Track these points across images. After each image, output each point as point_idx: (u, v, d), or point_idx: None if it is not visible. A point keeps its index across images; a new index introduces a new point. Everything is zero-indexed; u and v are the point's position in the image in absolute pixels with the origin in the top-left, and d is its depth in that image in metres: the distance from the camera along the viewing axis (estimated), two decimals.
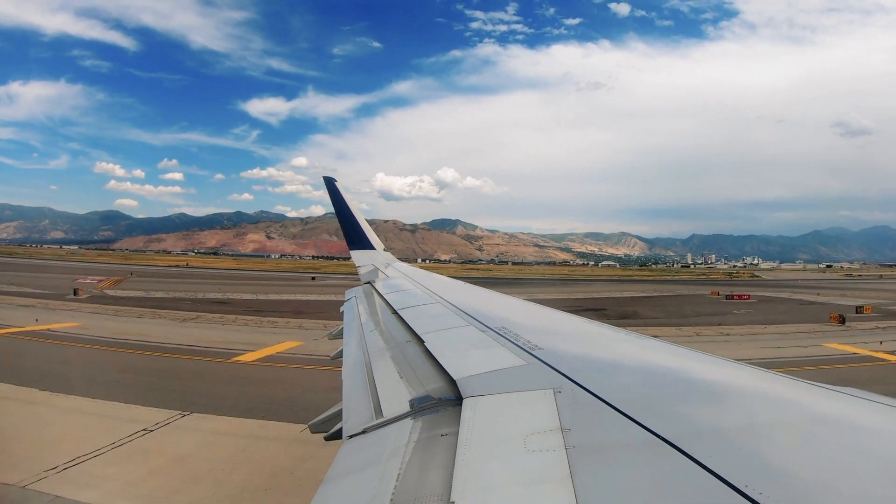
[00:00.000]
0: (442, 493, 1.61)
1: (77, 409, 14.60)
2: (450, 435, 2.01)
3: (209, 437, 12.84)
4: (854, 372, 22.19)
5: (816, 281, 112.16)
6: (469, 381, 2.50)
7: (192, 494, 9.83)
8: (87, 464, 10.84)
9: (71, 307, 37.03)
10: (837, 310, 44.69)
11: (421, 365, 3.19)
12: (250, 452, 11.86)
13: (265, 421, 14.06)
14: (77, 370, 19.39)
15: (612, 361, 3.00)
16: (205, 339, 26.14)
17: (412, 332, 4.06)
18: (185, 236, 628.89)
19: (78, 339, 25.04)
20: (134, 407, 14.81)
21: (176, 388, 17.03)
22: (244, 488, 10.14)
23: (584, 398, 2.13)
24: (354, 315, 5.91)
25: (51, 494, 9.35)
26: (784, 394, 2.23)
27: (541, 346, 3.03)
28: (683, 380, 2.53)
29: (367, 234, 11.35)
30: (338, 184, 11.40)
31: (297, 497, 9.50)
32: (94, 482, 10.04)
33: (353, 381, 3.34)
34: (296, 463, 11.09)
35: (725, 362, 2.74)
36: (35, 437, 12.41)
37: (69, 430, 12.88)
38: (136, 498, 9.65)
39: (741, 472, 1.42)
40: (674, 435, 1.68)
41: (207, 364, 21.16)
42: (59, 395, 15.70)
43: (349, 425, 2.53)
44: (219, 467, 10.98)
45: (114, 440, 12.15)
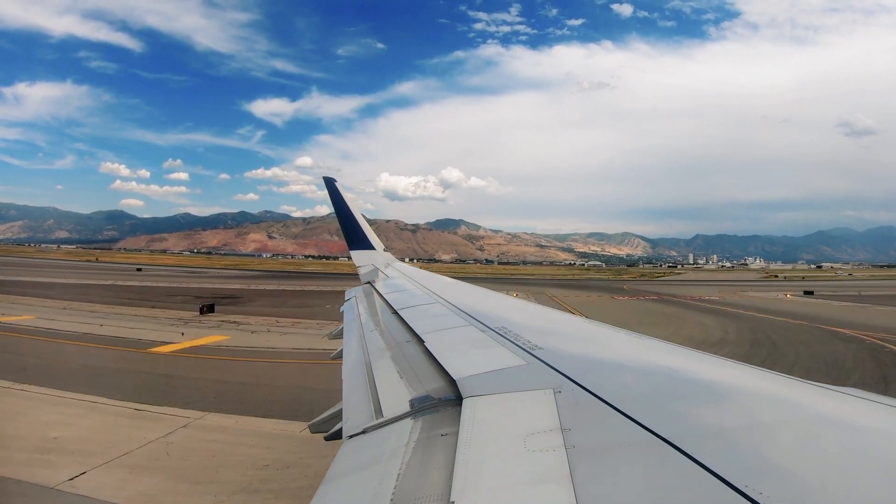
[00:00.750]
0: (442, 493, 1.61)
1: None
2: (450, 435, 2.01)
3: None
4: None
5: (717, 283, 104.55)
6: (469, 381, 2.50)
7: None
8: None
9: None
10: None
11: (421, 365, 3.19)
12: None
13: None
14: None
15: (612, 361, 3.00)
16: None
17: (412, 331, 4.06)
18: (186, 236, 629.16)
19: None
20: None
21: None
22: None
23: (584, 398, 2.13)
24: (354, 315, 5.92)
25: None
26: (784, 394, 2.23)
27: (541, 346, 3.03)
28: (683, 380, 2.53)
29: (367, 233, 11.36)
30: (338, 184, 11.41)
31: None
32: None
33: (353, 380, 3.34)
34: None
35: (726, 362, 2.74)
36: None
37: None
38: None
39: (741, 472, 1.42)
40: (674, 435, 1.68)
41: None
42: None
43: (349, 425, 2.53)
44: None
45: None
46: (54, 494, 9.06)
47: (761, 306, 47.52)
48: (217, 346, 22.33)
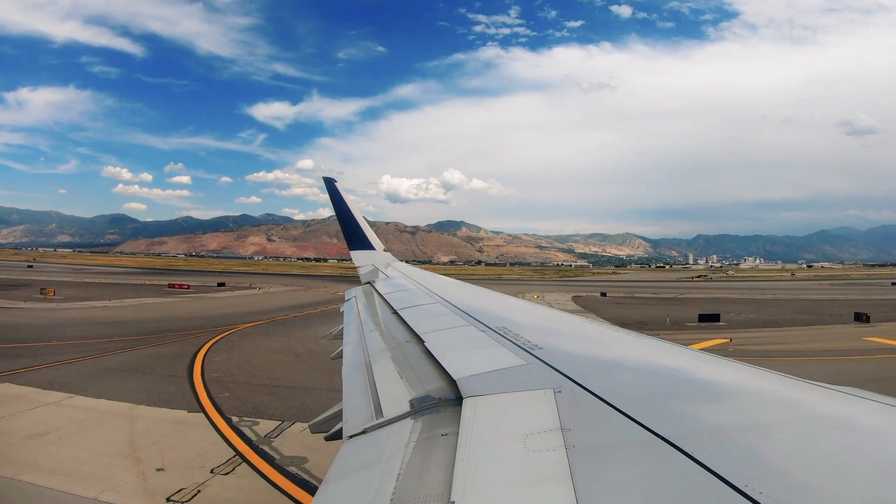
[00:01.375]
0: (442, 493, 1.61)
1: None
2: (450, 435, 2.01)
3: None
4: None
5: (657, 284, 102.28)
6: (469, 381, 2.50)
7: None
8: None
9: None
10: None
11: (421, 365, 3.19)
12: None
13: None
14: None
15: (613, 361, 3.00)
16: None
17: (412, 332, 4.06)
18: (186, 239, 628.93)
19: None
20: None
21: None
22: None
23: (585, 398, 2.13)
24: (354, 315, 5.92)
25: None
26: (784, 393, 2.23)
27: (541, 346, 3.03)
28: (683, 379, 2.53)
29: (367, 234, 11.36)
30: (338, 184, 11.41)
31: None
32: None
33: (353, 381, 3.34)
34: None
35: (726, 362, 2.74)
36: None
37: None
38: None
39: (741, 472, 1.42)
40: (674, 434, 1.67)
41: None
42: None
43: (349, 425, 2.53)
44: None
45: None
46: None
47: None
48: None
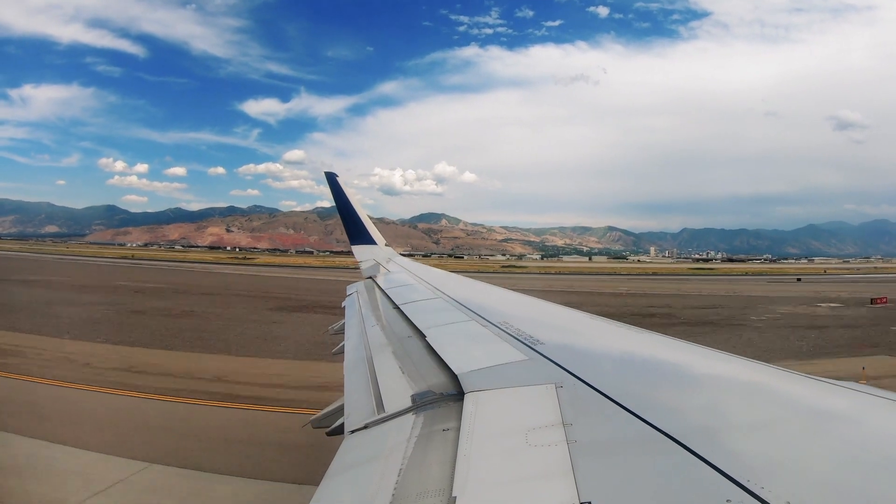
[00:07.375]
0: (443, 487, 1.61)
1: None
2: (451, 430, 2.01)
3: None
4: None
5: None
6: (471, 376, 2.50)
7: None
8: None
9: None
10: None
11: (423, 360, 3.19)
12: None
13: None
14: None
15: (614, 356, 3.00)
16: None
17: (414, 326, 4.06)
18: (150, 229, 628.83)
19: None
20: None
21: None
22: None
23: (586, 393, 2.13)
24: (356, 310, 5.92)
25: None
26: (787, 389, 2.23)
27: (542, 341, 3.03)
28: (685, 374, 2.53)
29: (369, 229, 11.35)
30: (339, 178, 11.38)
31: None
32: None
33: (354, 376, 3.34)
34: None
35: (728, 357, 2.74)
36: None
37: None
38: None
39: (743, 467, 1.42)
40: (675, 430, 1.67)
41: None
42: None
43: (351, 420, 2.54)
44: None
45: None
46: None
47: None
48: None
